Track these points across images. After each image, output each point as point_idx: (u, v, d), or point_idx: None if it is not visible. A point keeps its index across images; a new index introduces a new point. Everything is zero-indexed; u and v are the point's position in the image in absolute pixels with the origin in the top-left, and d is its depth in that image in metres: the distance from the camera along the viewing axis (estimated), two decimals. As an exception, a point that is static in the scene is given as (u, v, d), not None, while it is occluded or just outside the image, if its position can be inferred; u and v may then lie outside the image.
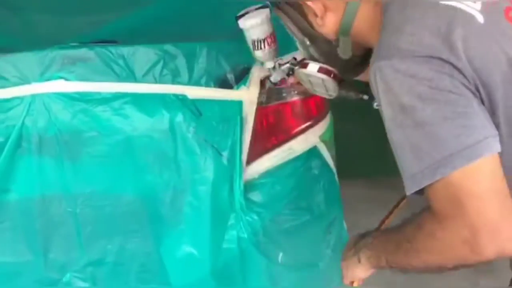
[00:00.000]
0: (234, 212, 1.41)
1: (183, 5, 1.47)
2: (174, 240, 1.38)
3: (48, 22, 1.38)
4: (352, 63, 1.11)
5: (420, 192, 0.90)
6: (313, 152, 1.56)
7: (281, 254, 1.50)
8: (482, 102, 0.87)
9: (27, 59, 1.25)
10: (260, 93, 1.44)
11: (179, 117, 1.33)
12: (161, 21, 1.40)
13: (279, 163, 1.49)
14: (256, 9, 1.26)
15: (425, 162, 0.85)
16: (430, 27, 0.87)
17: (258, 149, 1.47)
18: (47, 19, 1.39)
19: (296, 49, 1.23)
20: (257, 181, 1.45)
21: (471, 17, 0.89)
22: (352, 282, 1.20)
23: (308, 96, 1.56)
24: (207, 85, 1.37)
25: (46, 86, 1.25)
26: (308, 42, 1.14)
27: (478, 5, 0.90)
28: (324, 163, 1.60)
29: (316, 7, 1.01)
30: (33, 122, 1.26)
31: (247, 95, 1.41)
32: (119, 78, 1.29)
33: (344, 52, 1.09)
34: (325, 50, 1.12)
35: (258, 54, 1.28)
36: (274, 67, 1.32)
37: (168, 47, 1.32)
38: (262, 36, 1.26)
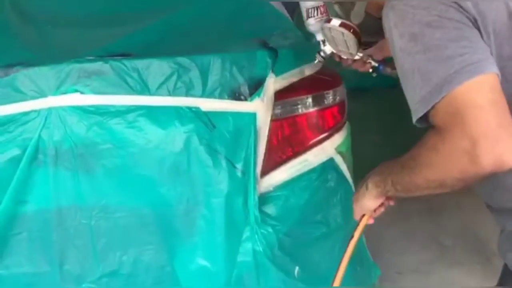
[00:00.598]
0: (249, 225, 1.39)
1: (196, 17, 1.48)
2: (188, 252, 1.38)
3: (64, 35, 1.40)
4: (369, 25, 1.24)
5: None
6: (329, 164, 1.54)
7: (297, 268, 1.47)
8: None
9: (44, 73, 1.27)
10: (275, 105, 1.44)
11: (193, 130, 1.33)
12: (175, 33, 1.41)
13: (294, 175, 1.47)
14: None
15: (433, 82, 0.91)
16: None
17: (273, 161, 1.46)
18: (64, 32, 1.41)
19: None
20: (272, 194, 1.44)
21: None
22: (362, 217, 1.25)
23: (323, 107, 1.55)
24: (221, 97, 1.37)
25: (62, 99, 1.27)
26: (333, 1, 1.29)
27: None
28: (341, 175, 1.58)
29: None
30: (49, 135, 1.27)
31: (261, 107, 1.40)
32: (134, 91, 1.30)
33: (356, 16, 1.25)
34: (347, 7, 1.28)
35: (311, 21, 1.35)
36: (324, 40, 1.38)
37: (182, 59, 1.33)
38: (316, 4, 1.34)
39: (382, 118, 3.63)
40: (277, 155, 1.47)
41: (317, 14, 1.34)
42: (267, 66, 1.41)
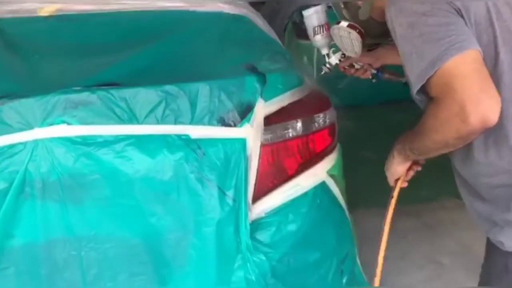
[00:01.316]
0: (241, 253, 1.37)
1: (183, 44, 1.48)
2: (180, 282, 1.35)
3: (51, 66, 1.39)
4: (373, 28, 1.49)
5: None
6: (321, 188, 1.53)
7: (291, 295, 1.45)
8: None
9: (30, 105, 1.26)
10: (265, 130, 1.43)
11: (182, 158, 1.32)
12: (162, 61, 1.40)
13: (286, 200, 1.46)
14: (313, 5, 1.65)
15: (427, 59, 1.11)
16: None
17: (265, 187, 1.45)
18: (51, 62, 1.40)
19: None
20: (264, 220, 1.43)
21: None
22: (396, 181, 1.45)
23: (314, 131, 1.54)
24: (210, 124, 1.36)
25: (48, 131, 1.26)
26: (342, 5, 1.55)
27: None
28: (333, 199, 1.57)
29: None
30: (36, 167, 1.26)
31: (251, 133, 1.39)
32: (121, 121, 1.29)
33: (363, 14, 1.49)
34: (354, 13, 1.52)
35: (317, 38, 1.65)
36: (328, 54, 1.69)
37: (170, 87, 1.32)
38: (321, 23, 1.63)
39: (374, 135, 3.64)
40: (268, 181, 1.46)
41: (323, 32, 1.64)
42: (256, 91, 1.41)
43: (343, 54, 1.67)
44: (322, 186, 1.53)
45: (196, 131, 1.34)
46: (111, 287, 1.36)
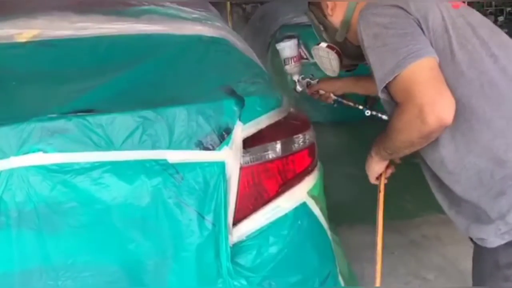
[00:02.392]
0: (222, 278, 1.36)
1: (160, 69, 1.48)
2: (160, 309, 1.33)
3: (27, 93, 1.38)
4: (349, 50, 1.64)
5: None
6: (302, 209, 1.52)
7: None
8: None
9: (5, 133, 1.24)
10: (244, 153, 1.43)
11: (160, 183, 1.31)
12: (139, 86, 1.40)
13: (267, 222, 1.45)
14: (287, 37, 1.91)
15: (388, 66, 1.29)
16: None
17: (245, 210, 1.44)
18: (27, 90, 1.39)
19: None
20: (244, 244, 1.41)
21: None
22: (377, 179, 1.69)
23: (293, 152, 1.55)
24: (188, 148, 1.35)
25: (24, 159, 1.24)
26: (322, 29, 1.68)
27: None
28: (314, 219, 1.57)
29: (329, 2, 1.59)
30: (11, 197, 1.24)
31: (230, 156, 1.39)
32: (98, 147, 1.28)
33: (340, 36, 1.62)
34: (332, 35, 1.65)
35: (287, 67, 1.94)
36: (298, 80, 1.97)
37: (147, 112, 1.32)
38: (290, 55, 1.90)
39: (355, 150, 3.66)
40: (248, 203, 1.45)
41: (292, 62, 1.92)
42: (234, 114, 1.40)
43: (308, 82, 1.96)
44: (303, 207, 1.52)
45: (174, 156, 1.33)
46: (91, 316, 1.33)
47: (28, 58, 1.59)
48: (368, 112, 1.86)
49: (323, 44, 1.69)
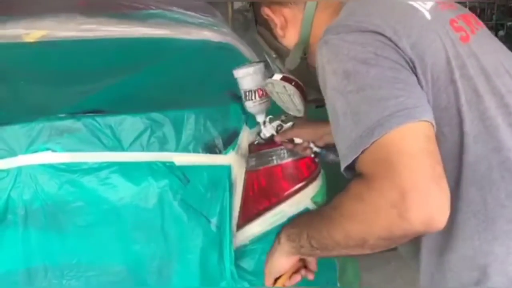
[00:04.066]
0: (225, 281, 1.37)
1: (169, 72, 1.50)
2: (163, 311, 1.34)
3: (37, 92, 1.39)
4: (313, 79, 1.05)
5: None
6: (305, 214, 1.54)
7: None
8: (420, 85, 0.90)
9: (15, 132, 1.25)
10: (250, 157, 1.45)
11: (166, 185, 1.32)
12: (148, 89, 1.41)
13: (270, 227, 1.46)
14: (251, 63, 1.39)
15: (364, 125, 0.83)
16: (380, 13, 0.94)
17: (249, 214, 1.45)
18: (37, 89, 1.40)
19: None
20: (248, 248, 1.43)
21: (420, 13, 0.97)
22: (275, 282, 1.10)
23: (298, 158, 1.56)
24: (195, 151, 1.37)
25: (32, 158, 1.25)
26: (274, 55, 1.22)
27: (428, 5, 0.99)
28: (317, 225, 1.58)
29: (278, 19, 1.12)
30: (19, 195, 1.24)
31: (236, 160, 1.40)
32: (106, 148, 1.29)
33: (292, 62, 1.16)
34: (287, 64, 1.19)
35: (248, 104, 1.35)
36: (264, 122, 1.39)
37: (155, 115, 1.33)
38: (253, 87, 1.33)
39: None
40: (253, 207, 1.46)
41: (255, 97, 1.34)
42: (241, 119, 1.43)
43: (281, 125, 1.39)
44: (306, 212, 1.54)
45: (181, 158, 1.35)
46: (93, 316, 1.34)
47: (36, 58, 1.61)
48: None
49: (277, 76, 1.20)
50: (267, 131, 1.40)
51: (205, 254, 1.35)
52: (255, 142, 1.44)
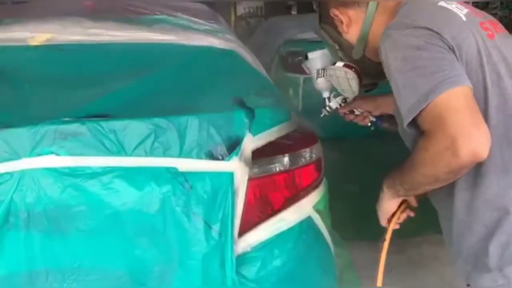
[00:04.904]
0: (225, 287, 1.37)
1: (174, 78, 1.50)
2: (163, 316, 1.34)
3: (42, 95, 1.39)
4: (369, 68, 1.46)
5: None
6: (307, 223, 1.54)
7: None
8: None
9: (19, 135, 1.25)
10: (252, 164, 1.45)
11: (169, 191, 1.32)
12: (152, 94, 1.42)
13: (272, 235, 1.46)
14: (321, 49, 1.63)
15: (420, 92, 1.13)
16: (429, 15, 1.25)
17: (251, 221, 1.45)
18: (41, 92, 1.41)
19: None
20: (249, 255, 1.42)
21: (458, 16, 1.28)
22: (389, 222, 1.44)
23: (300, 166, 1.56)
24: (198, 157, 1.37)
25: (36, 161, 1.25)
26: (337, 47, 1.51)
27: (464, 11, 1.30)
28: (319, 234, 1.58)
29: (344, 19, 1.42)
30: (22, 198, 1.25)
31: (239, 166, 1.40)
32: (110, 153, 1.29)
33: (356, 53, 1.45)
34: (348, 53, 1.48)
35: (320, 81, 1.64)
36: (329, 98, 1.69)
37: (159, 120, 1.33)
38: (324, 66, 1.62)
39: (358, 168, 3.67)
40: (255, 215, 1.46)
41: (324, 75, 1.62)
42: (244, 126, 1.42)
43: (344, 99, 1.67)
44: (308, 221, 1.54)
45: (184, 164, 1.35)
46: (93, 321, 1.34)
47: (41, 62, 1.62)
48: None
49: (340, 64, 1.50)
50: (333, 103, 1.68)
51: (206, 260, 1.35)
52: (321, 115, 1.71)
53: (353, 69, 1.48)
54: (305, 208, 1.54)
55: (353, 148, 4.02)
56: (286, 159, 1.52)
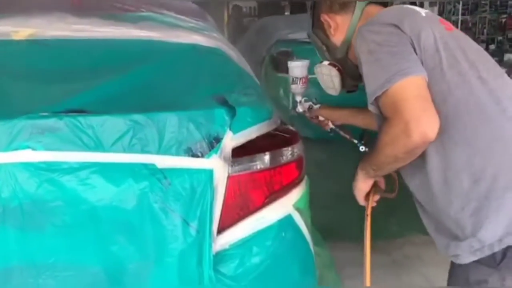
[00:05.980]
0: (203, 285, 1.36)
1: (153, 74, 1.49)
2: (139, 313, 1.33)
3: (19, 90, 1.38)
4: (350, 69, 1.71)
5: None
6: (287, 221, 1.53)
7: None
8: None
9: (-5, 129, 1.24)
10: (232, 162, 1.44)
11: (147, 187, 1.31)
12: (131, 90, 1.41)
13: (251, 232, 1.46)
14: (303, 60, 1.96)
15: (379, 81, 1.36)
16: (394, 14, 1.51)
17: (230, 219, 1.45)
18: (19, 86, 1.39)
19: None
20: (227, 252, 1.42)
21: (418, 12, 1.51)
22: (366, 200, 1.67)
23: (281, 164, 1.56)
24: (177, 154, 1.36)
25: (12, 155, 1.24)
26: (325, 49, 1.77)
27: (424, 11, 1.53)
28: (298, 232, 1.57)
29: (332, 23, 1.68)
30: (-3, 192, 1.24)
31: (218, 164, 1.40)
32: (88, 148, 1.28)
33: (340, 53, 1.71)
34: (334, 55, 1.73)
35: (294, 87, 1.97)
36: (300, 101, 2.01)
37: (138, 116, 1.33)
38: (299, 76, 1.94)
39: (342, 168, 3.67)
40: (234, 212, 1.46)
41: (299, 83, 1.95)
42: (225, 123, 1.42)
43: (311, 105, 2.00)
44: (288, 219, 1.53)
45: (163, 161, 1.34)
46: (69, 317, 1.33)
47: (22, 56, 1.60)
48: (362, 148, 1.88)
49: (326, 62, 1.77)
50: (300, 108, 2.02)
51: (183, 257, 1.34)
52: (291, 113, 2.02)
53: (337, 68, 1.74)
54: (285, 206, 1.54)
55: (340, 149, 4.03)
56: (266, 157, 1.51)
